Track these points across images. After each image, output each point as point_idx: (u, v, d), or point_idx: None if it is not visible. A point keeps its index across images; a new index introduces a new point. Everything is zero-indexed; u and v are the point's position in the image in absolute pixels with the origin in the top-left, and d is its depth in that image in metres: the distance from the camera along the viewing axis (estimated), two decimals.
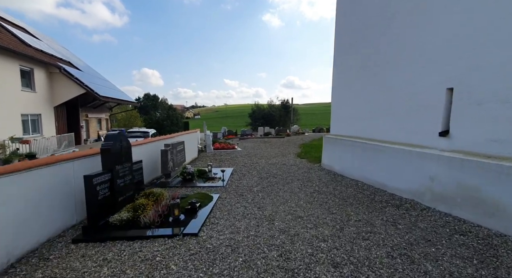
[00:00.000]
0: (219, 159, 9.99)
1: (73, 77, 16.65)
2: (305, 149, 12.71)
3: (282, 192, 5.49)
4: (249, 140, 19.60)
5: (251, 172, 7.46)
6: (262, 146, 14.77)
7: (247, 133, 25.37)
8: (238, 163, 9.01)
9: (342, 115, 7.67)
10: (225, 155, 10.94)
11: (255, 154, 11.27)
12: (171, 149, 6.32)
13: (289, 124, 39.67)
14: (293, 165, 8.45)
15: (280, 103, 47.89)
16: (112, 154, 3.91)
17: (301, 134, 26.21)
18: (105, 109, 24.33)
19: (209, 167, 7.17)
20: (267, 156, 10.44)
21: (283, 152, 11.72)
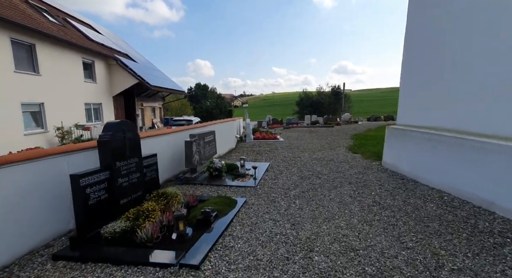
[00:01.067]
0: (257, 150, 8.94)
1: (128, 68, 17.47)
2: (359, 141, 10.72)
3: (327, 201, 4.13)
4: (294, 129, 18.11)
5: (290, 169, 6.20)
6: (307, 136, 13.21)
7: (293, 122, 23.79)
8: (277, 156, 7.80)
9: (418, 99, 5.69)
10: (265, 146, 9.84)
11: (298, 145, 9.89)
12: (197, 140, 5.48)
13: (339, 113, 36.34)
14: (343, 162, 6.85)
15: (330, 89, 44.29)
16: (111, 148, 3.15)
17: (353, 124, 23.45)
18: (158, 99, 25.59)
19: (242, 161, 6.16)
20: (312, 149, 8.96)
21: (332, 144, 10.03)
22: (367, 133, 13.70)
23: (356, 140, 10.96)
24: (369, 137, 11.45)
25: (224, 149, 8.69)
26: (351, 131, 15.38)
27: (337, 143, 10.35)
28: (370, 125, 19.53)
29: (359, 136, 12.21)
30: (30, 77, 11.29)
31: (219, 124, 8.13)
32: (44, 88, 11.90)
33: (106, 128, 3.23)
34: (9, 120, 10.20)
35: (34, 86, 11.39)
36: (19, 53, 10.88)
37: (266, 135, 12.05)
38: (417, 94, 5.58)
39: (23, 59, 11.12)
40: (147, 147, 4.68)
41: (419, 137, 5.10)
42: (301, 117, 36.81)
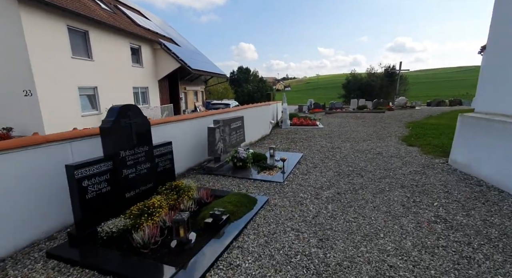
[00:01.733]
0: (291, 138, 8.12)
1: (171, 52, 17.79)
2: (416, 130, 8.98)
3: (370, 209, 3.24)
4: (338, 114, 16.50)
5: (327, 162, 5.30)
6: (351, 123, 11.75)
7: (337, 106, 21.84)
8: (313, 146, 6.89)
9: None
10: (301, 133, 8.93)
11: (339, 133, 8.72)
12: (222, 127, 4.95)
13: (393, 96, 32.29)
14: (394, 156, 5.64)
15: (383, 70, 39.47)
16: (114, 135, 2.80)
17: (409, 109, 20.49)
18: (200, 82, 26.02)
19: (271, 151, 5.49)
20: (356, 138, 7.75)
21: (380, 133, 8.59)
22: (427, 121, 11.55)
23: (412, 129, 9.23)
24: (429, 127, 9.55)
25: (256, 135, 8.11)
26: (406, 118, 13.25)
27: (387, 132, 8.84)
28: (430, 112, 16.67)
29: (416, 125, 10.31)
30: (85, 62, 12.13)
31: (250, 109, 7.50)
32: (97, 73, 12.75)
33: (109, 113, 2.87)
34: (69, 102, 11.22)
35: (88, 71, 12.26)
36: (75, 40, 11.68)
37: (304, 121, 11.04)
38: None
39: (78, 45, 11.94)
40: (168, 133, 4.33)
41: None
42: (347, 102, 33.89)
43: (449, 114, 14.78)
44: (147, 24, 18.81)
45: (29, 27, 9.34)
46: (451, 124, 10.16)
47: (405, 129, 9.45)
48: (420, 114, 15.24)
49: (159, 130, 4.11)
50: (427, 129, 8.85)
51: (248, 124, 7.11)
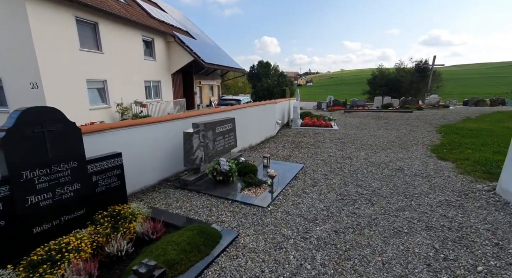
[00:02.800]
0: (297, 142, 7.04)
1: (185, 45, 17.18)
2: (450, 137, 7.43)
3: (377, 270, 2.17)
4: (358, 113, 14.91)
5: (331, 179, 4.21)
6: (372, 125, 10.30)
7: (358, 104, 20.03)
8: (319, 154, 5.78)
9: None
10: (311, 136, 7.80)
11: (355, 138, 7.45)
12: (203, 131, 4.06)
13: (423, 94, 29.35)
14: (419, 175, 4.38)
15: (414, 65, 36.08)
16: (12, 149, 2.02)
17: (442, 108, 18.18)
18: (216, 77, 25.37)
19: (265, 161, 4.52)
20: (373, 145, 6.48)
21: (405, 139, 7.19)
22: (464, 125, 9.76)
23: (445, 136, 7.67)
24: (466, 133, 7.90)
25: (257, 138, 7.14)
26: (437, 120, 11.44)
27: (413, 138, 7.40)
28: (467, 112, 14.46)
29: (450, 130, 8.66)
30: (94, 55, 11.84)
31: (249, 109, 6.52)
32: (107, 65, 12.45)
33: (9, 119, 2.07)
34: (76, 96, 11.01)
35: (97, 64, 11.97)
36: (84, 32, 11.38)
37: (316, 121, 9.82)
38: None
39: (87, 37, 11.64)
40: (130, 140, 3.54)
41: None
42: (371, 99, 31.46)
43: (491, 116, 12.62)
44: (163, 17, 18.32)
45: (35, 19, 9.06)
46: (495, 130, 8.39)
47: (436, 135, 7.91)
48: (455, 115, 13.20)
49: (112, 137, 3.31)
50: (464, 137, 7.26)
51: (246, 126, 6.19)
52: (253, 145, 6.75)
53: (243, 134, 6.17)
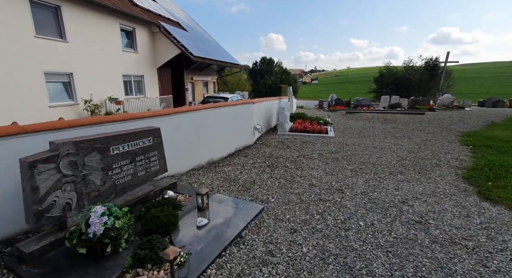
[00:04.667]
0: (275, 156, 5.13)
1: (171, 36, 15.34)
2: (483, 152, 5.35)
3: None
4: (362, 115, 12.83)
5: (299, 245, 2.32)
6: (377, 130, 8.31)
7: (363, 104, 17.87)
8: (297, 179, 3.86)
9: None
10: (295, 148, 5.88)
11: (353, 152, 5.49)
12: (71, 157, 2.22)
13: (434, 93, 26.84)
14: (459, 243, 2.41)
15: (423, 63, 33.52)
16: None
17: (457, 109, 15.94)
18: (212, 72, 23.49)
19: (200, 200, 2.67)
20: (377, 165, 4.53)
21: (421, 155, 5.20)
22: (493, 132, 7.63)
23: (477, 150, 5.63)
24: (503, 146, 5.82)
25: (223, 149, 5.29)
26: (456, 125, 9.34)
27: (432, 153, 5.39)
28: (488, 115, 12.21)
29: (478, 140, 6.59)
30: (56, 43, 10.09)
31: (209, 111, 4.62)
32: (73, 56, 10.70)
33: None
34: (31, 90, 9.32)
35: (60, 54, 10.23)
36: (41, 16, 9.62)
37: (309, 126, 7.87)
38: None
39: (46, 23, 9.87)
40: None
41: None
42: (377, 98, 29.11)
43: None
44: (149, 5, 16.47)
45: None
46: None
47: (462, 148, 5.88)
48: (475, 119, 11.02)
49: None
50: (504, 153, 5.21)
51: (204, 134, 4.37)
52: (214, 160, 4.90)
53: (196, 146, 4.34)
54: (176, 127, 3.93)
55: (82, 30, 10.92)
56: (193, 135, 4.32)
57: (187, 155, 4.22)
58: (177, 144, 3.87)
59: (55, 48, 9.94)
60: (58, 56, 10.02)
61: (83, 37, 10.94)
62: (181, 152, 4.04)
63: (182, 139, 4.06)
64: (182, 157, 4.09)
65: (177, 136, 3.93)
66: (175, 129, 3.90)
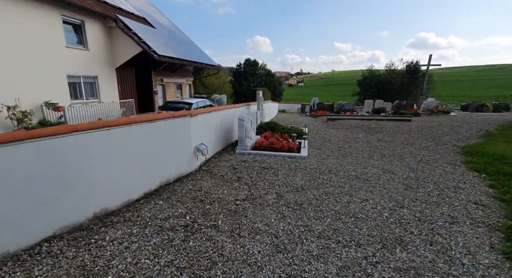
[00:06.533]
0: (211, 199, 3.27)
1: (130, 32, 13.21)
2: (507, 183, 3.81)
3: None
4: (345, 122, 11.27)
5: None
6: (361, 145, 6.69)
7: (346, 108, 16.45)
8: (218, 265, 2.09)
9: None
10: (249, 180, 4.06)
11: (326, 190, 3.74)
12: None
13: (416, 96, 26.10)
14: None
15: (405, 66, 33.08)
16: None
17: (442, 115, 14.83)
18: (187, 74, 21.41)
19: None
20: (360, 221, 2.82)
21: (422, 192, 3.54)
22: (497, 147, 6.17)
23: (494, 179, 4.06)
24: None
25: (143, 184, 3.44)
26: (449, 136, 7.92)
27: (436, 188, 3.76)
28: (477, 121, 11.00)
29: (485, 159, 5.06)
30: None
31: (102, 133, 2.73)
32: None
33: None
34: None
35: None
36: None
37: (276, 141, 6.10)
38: None
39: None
40: None
41: None
42: (361, 101, 28.07)
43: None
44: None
45: None
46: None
47: (468, 172, 4.33)
48: (466, 127, 9.72)
49: None
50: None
51: (88, 168, 2.44)
52: (110, 210, 2.99)
53: (70, 187, 2.44)
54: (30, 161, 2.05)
55: (7, 21, 8.67)
56: (60, 171, 2.43)
57: (35, 209, 2.31)
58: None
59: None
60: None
61: (8, 29, 8.69)
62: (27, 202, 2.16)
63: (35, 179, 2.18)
64: (22, 216, 2.20)
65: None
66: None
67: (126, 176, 3.29)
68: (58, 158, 2.49)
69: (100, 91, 13.02)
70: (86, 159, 2.74)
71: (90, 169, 2.78)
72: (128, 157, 3.30)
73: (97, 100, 12.81)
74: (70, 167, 2.59)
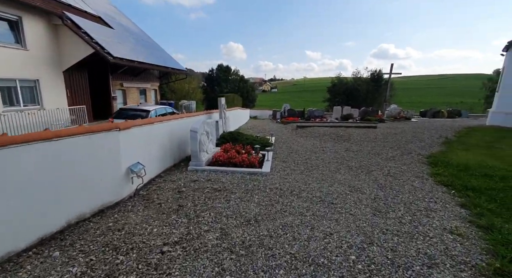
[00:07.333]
0: (126, 249, 2.36)
1: (80, 31, 11.70)
2: (478, 201, 3.43)
3: None
4: (314, 129, 10.93)
5: None
6: (328, 155, 6.21)
7: (316, 115, 16.34)
8: None
9: None
10: (191, 210, 3.23)
11: (284, 220, 3.06)
12: None
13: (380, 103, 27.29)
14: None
15: (369, 75, 34.77)
16: None
17: (403, 121, 15.35)
18: (152, 78, 19.93)
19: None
20: (321, 269, 2.19)
21: (394, 226, 3.01)
22: (459, 157, 6.08)
23: (463, 195, 3.71)
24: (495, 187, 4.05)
25: (39, 225, 2.40)
26: (413, 144, 7.85)
27: (407, 210, 3.28)
28: (434, 127, 11.39)
29: (451, 171, 4.82)
30: None
31: None
32: None
33: None
34: None
35: None
36: None
37: (236, 155, 5.34)
38: None
39: None
40: None
41: None
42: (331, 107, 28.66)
43: (472, 136, 9.52)
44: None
45: None
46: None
47: (437, 187, 3.98)
48: (427, 134, 9.91)
49: None
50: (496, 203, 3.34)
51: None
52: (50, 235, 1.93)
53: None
54: None
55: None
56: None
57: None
58: None
59: None
60: None
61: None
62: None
63: None
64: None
65: None
66: None
67: (7, 219, 2.28)
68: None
69: (43, 97, 11.28)
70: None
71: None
72: (8, 193, 2.29)
73: (38, 107, 11.05)
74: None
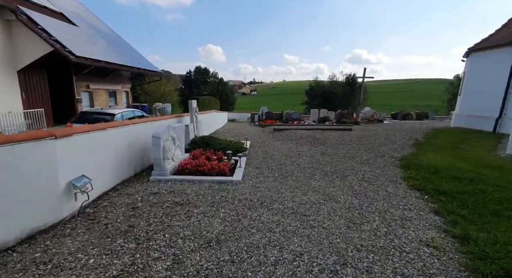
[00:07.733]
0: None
1: (37, 27, 10.54)
2: (451, 207, 3.31)
3: None
4: (291, 132, 10.77)
5: None
6: (304, 160, 5.98)
7: (294, 117, 16.31)
8: None
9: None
10: (143, 232, 2.74)
11: (251, 239, 2.68)
12: None
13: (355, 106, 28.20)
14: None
15: (344, 78, 35.96)
16: None
17: (376, 123, 15.83)
18: (123, 80, 18.74)
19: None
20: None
21: (371, 241, 2.77)
22: (429, 159, 6.17)
23: (435, 200, 3.62)
24: (465, 190, 4.02)
25: None
26: (386, 146, 7.94)
27: (382, 221, 3.08)
28: (404, 129, 11.80)
29: (422, 173, 4.80)
30: None
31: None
32: None
33: None
34: None
35: None
36: None
37: (206, 162, 4.89)
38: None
39: None
40: None
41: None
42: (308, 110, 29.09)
43: (439, 138, 9.93)
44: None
45: None
46: (487, 174, 4.71)
47: (410, 192, 3.89)
48: (399, 136, 10.18)
49: None
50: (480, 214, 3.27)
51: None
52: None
53: None
54: None
55: None
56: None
57: None
58: None
59: None
60: None
61: None
62: None
63: None
64: None
65: None
66: None
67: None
68: None
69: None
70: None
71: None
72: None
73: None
74: None
